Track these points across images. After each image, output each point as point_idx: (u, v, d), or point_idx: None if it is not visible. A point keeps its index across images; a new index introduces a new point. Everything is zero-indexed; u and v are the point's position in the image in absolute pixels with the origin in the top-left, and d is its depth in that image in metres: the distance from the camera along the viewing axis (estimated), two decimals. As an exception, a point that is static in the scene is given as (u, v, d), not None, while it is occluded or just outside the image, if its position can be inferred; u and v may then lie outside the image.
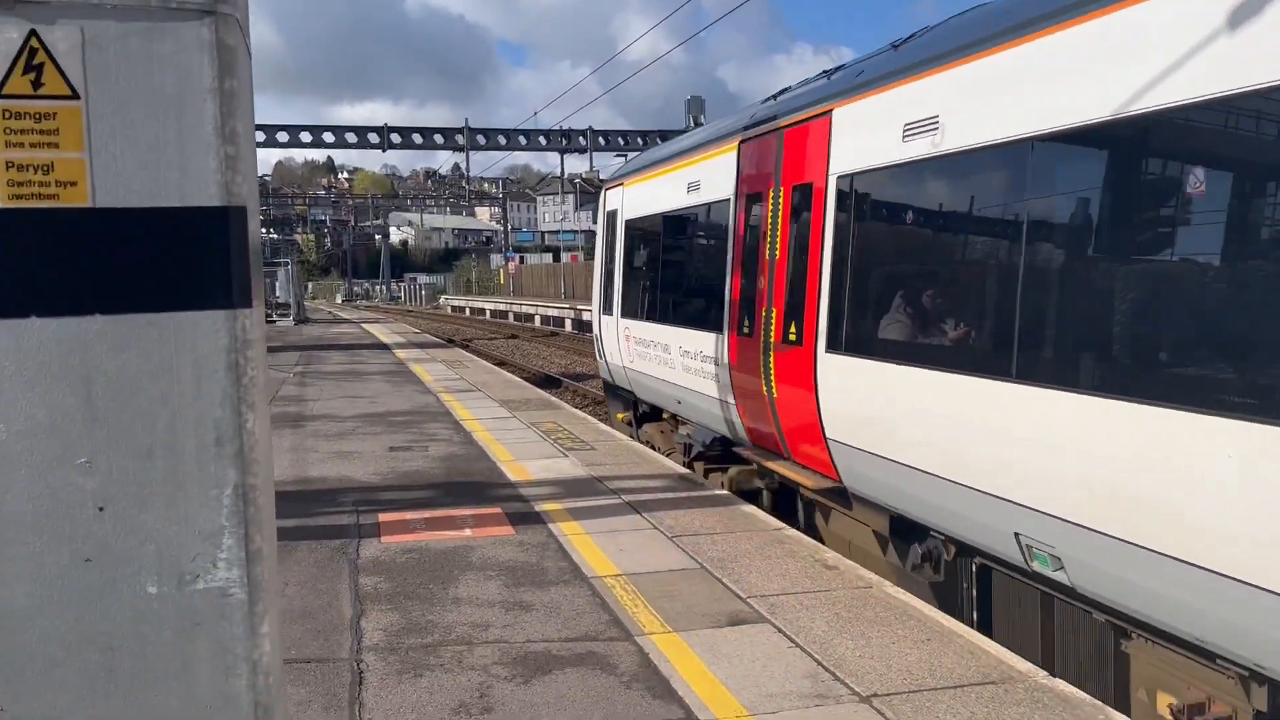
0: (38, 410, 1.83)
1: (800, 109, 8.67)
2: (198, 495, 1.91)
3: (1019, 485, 5.48)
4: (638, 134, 49.98)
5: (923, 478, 6.45)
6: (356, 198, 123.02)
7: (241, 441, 1.92)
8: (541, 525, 7.94)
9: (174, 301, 1.87)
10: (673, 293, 12.37)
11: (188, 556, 1.91)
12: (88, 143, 1.83)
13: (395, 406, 15.38)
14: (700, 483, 9.64)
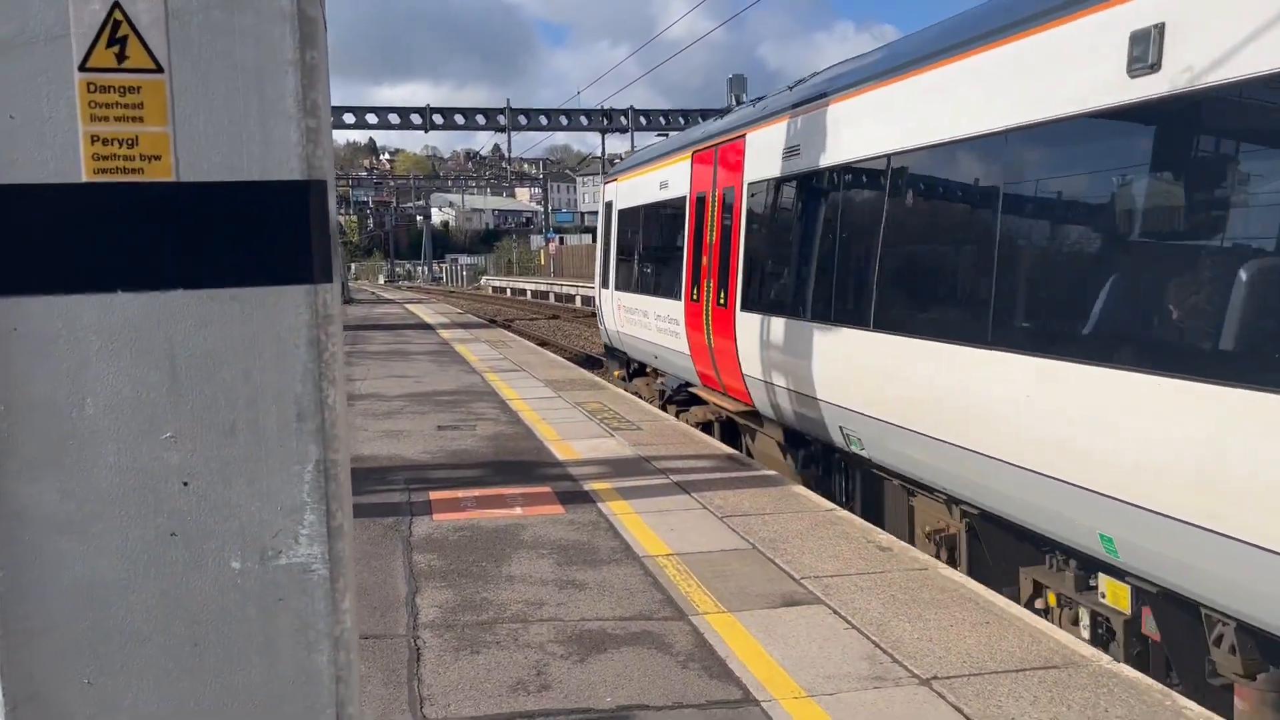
0: (123, 385, 1.83)
1: (728, 131, 11.66)
2: (280, 471, 1.90)
3: (841, 396, 8.25)
4: (679, 113, 49.79)
5: (795, 396, 9.24)
6: (398, 179, 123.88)
7: (323, 417, 1.92)
8: (591, 504, 7.94)
9: (256, 276, 1.87)
10: (649, 269, 15.41)
11: (270, 532, 1.91)
12: (171, 116, 1.82)
13: (441, 386, 15.48)
14: (748, 463, 9.60)
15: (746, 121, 11.12)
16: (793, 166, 9.49)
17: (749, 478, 8.84)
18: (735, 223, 11.01)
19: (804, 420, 9.33)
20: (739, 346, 10.61)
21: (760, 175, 10.34)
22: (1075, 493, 5.40)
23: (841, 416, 8.30)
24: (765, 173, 10.20)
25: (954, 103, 6.80)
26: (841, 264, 8.52)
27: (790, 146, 9.58)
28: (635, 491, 8.34)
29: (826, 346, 8.48)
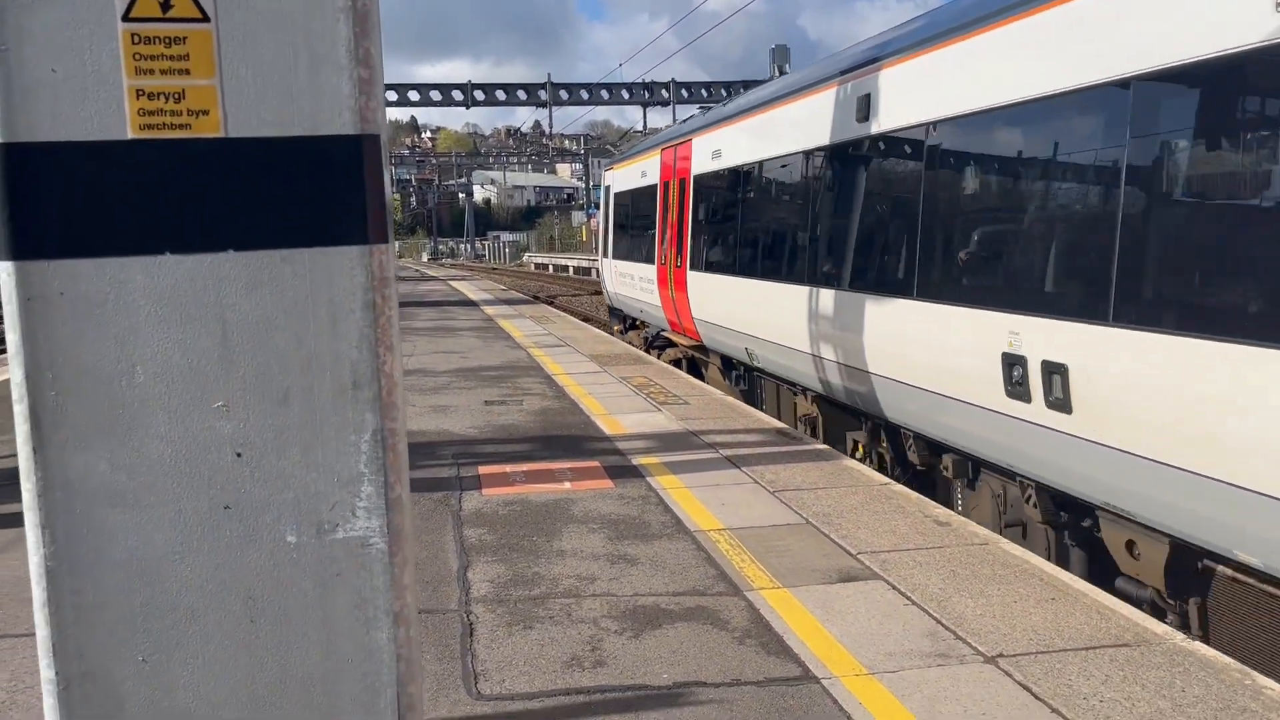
0: (173, 352, 1.76)
1: (681, 135, 15.91)
2: (335, 441, 1.82)
3: (747, 326, 11.91)
4: (721, 85, 49.29)
5: (723, 331, 13.13)
6: (440, 156, 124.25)
7: (379, 385, 1.83)
8: (640, 479, 7.86)
9: (309, 237, 1.78)
10: (634, 240, 19.36)
11: (326, 505, 1.83)
12: (219, 68, 1.74)
13: (487, 361, 15.48)
14: (798, 437, 9.45)
15: (693, 129, 15.31)
16: (718, 164, 13.44)
17: (800, 452, 8.71)
18: (685, 205, 14.96)
19: (728, 348, 13.52)
20: (690, 298, 14.61)
21: (700, 170, 14.37)
22: (860, 375, 8.75)
23: (746, 341, 12.28)
24: (703, 168, 14.23)
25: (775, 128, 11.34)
26: (742, 234, 12.66)
27: (715, 150, 13.56)
28: (684, 466, 8.25)
29: (734, 293, 12.46)
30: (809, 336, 9.79)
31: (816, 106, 9.77)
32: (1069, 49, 5.87)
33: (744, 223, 12.53)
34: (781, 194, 11.44)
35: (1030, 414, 6.24)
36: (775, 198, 11.69)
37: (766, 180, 11.81)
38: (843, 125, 9.14)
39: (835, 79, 9.27)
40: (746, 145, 12.29)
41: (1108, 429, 5.56)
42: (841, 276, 9.13)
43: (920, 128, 7.67)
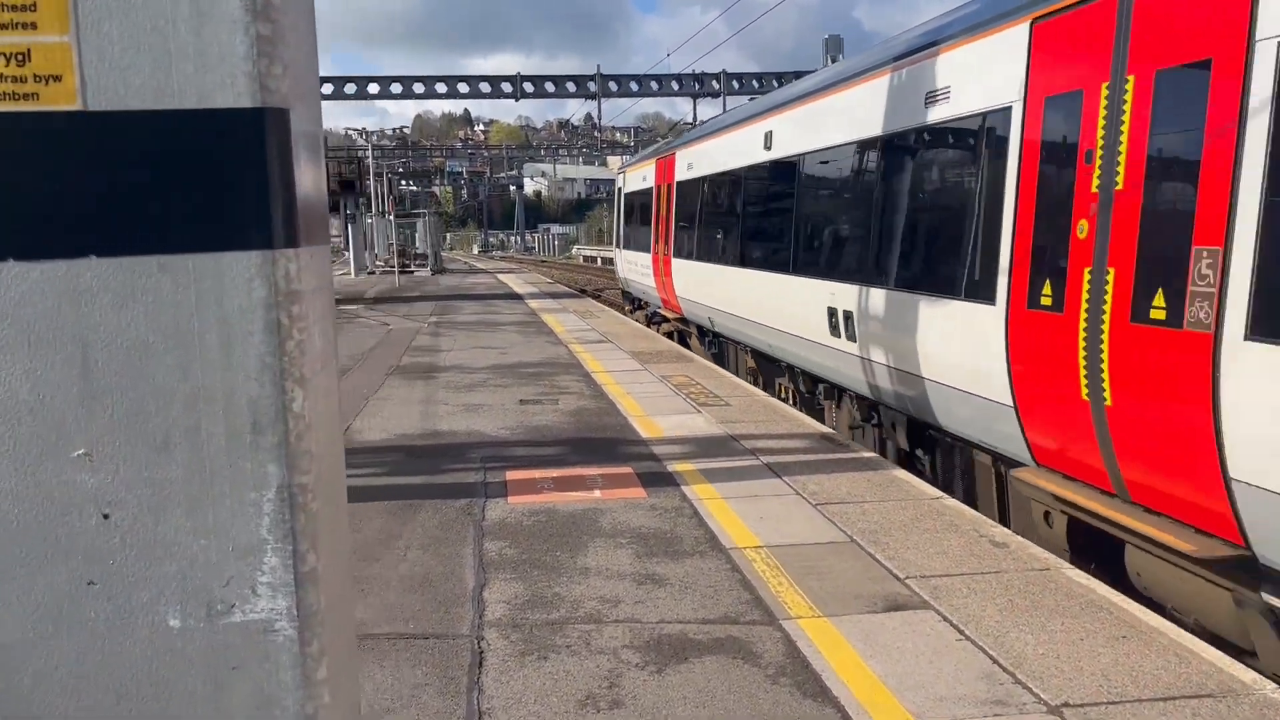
0: (20, 385, 1.37)
1: (669, 148, 20.01)
2: (230, 499, 1.43)
3: (708, 299, 15.59)
4: (771, 75, 48.59)
5: (693, 305, 16.94)
6: (492, 149, 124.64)
7: (286, 427, 1.43)
8: (674, 488, 7.44)
9: (194, 239, 1.39)
10: (638, 233, 22.74)
11: (219, 580, 1.44)
12: (74, 23, 1.35)
13: (526, 358, 15.15)
14: (844, 443, 8.96)
15: (676, 145, 19.86)
16: (691, 175, 17.48)
17: (846, 460, 8.22)
18: (670, 205, 18.95)
19: (698, 318, 17.41)
20: (673, 279, 18.47)
21: (679, 178, 18.36)
22: (770, 330, 12.36)
23: (709, 312, 16.04)
24: (681, 177, 18.22)
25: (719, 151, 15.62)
26: (703, 228, 16.44)
27: (688, 164, 17.76)
28: (722, 474, 7.81)
29: (699, 274, 16.43)
30: (741, 305, 13.81)
31: (746, 137, 13.84)
32: (855, 114, 9.72)
33: (704, 220, 16.58)
34: (724, 199, 15.52)
35: (840, 345, 9.88)
36: (720, 202, 15.76)
37: (715, 188, 15.99)
38: (756, 152, 13.30)
39: (754, 118, 13.67)
40: (703, 161, 16.65)
41: (871, 352, 9.08)
42: (757, 260, 13.19)
43: (797, 156, 11.64)
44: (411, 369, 14.14)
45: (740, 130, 14.18)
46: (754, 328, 13.21)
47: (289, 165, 1.43)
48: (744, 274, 13.49)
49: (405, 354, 15.92)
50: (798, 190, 11.67)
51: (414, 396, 11.66)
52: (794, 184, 11.74)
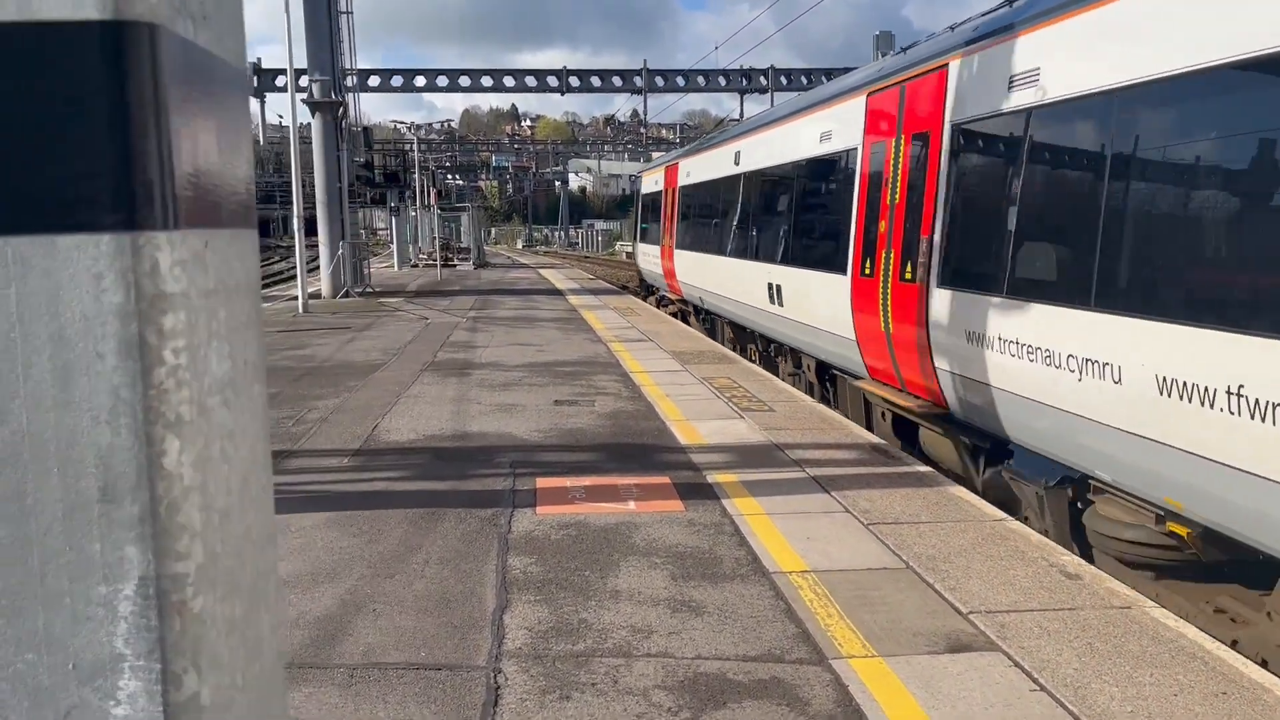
0: None
1: (674, 159, 24.41)
2: (72, 595, 0.99)
3: (700, 282, 19.42)
4: (820, 71, 47.81)
5: (688, 287, 20.95)
6: (538, 144, 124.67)
7: (153, 493, 0.98)
8: (714, 501, 6.96)
9: (13, 216, 0.94)
10: (652, 229, 26.70)
11: (57, 709, 1.00)
12: None
13: (564, 356, 14.74)
14: (898, 456, 8.41)
15: (678, 156, 24.24)
16: (687, 181, 21.20)
17: (899, 475, 7.68)
18: (674, 205, 22.80)
19: (693, 298, 20.91)
20: (675, 266, 22.16)
21: (680, 184, 21.98)
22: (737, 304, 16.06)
23: (699, 292, 19.72)
24: (681, 182, 21.81)
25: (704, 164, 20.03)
26: (693, 225, 20.39)
27: (687, 172, 21.31)
28: (766, 487, 7.31)
29: (691, 262, 20.12)
30: (720, 286, 17.55)
31: (724, 153, 17.85)
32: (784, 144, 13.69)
33: (696, 218, 20.56)
34: (710, 202, 19.15)
35: (776, 310, 13.37)
36: (707, 204, 19.39)
37: (705, 193, 19.59)
38: (728, 166, 17.26)
39: (730, 139, 17.83)
40: (697, 170, 20.30)
41: (789, 312, 12.65)
42: (730, 250, 16.72)
43: (752, 171, 15.47)
44: (447, 365, 13.79)
45: (720, 148, 18.52)
46: (729, 303, 17.12)
47: (164, 107, 0.97)
48: (722, 261, 17.32)
49: (441, 349, 15.58)
50: (751, 197, 15.84)
51: (446, 394, 11.28)
52: (750, 192, 15.92)
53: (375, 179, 40.97)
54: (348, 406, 10.60)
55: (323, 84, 25.67)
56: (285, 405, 10.72)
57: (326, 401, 10.90)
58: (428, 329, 18.79)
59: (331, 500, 6.94)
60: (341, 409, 10.47)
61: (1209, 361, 5.05)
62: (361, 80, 44.26)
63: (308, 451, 8.50)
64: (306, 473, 7.77)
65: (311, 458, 8.29)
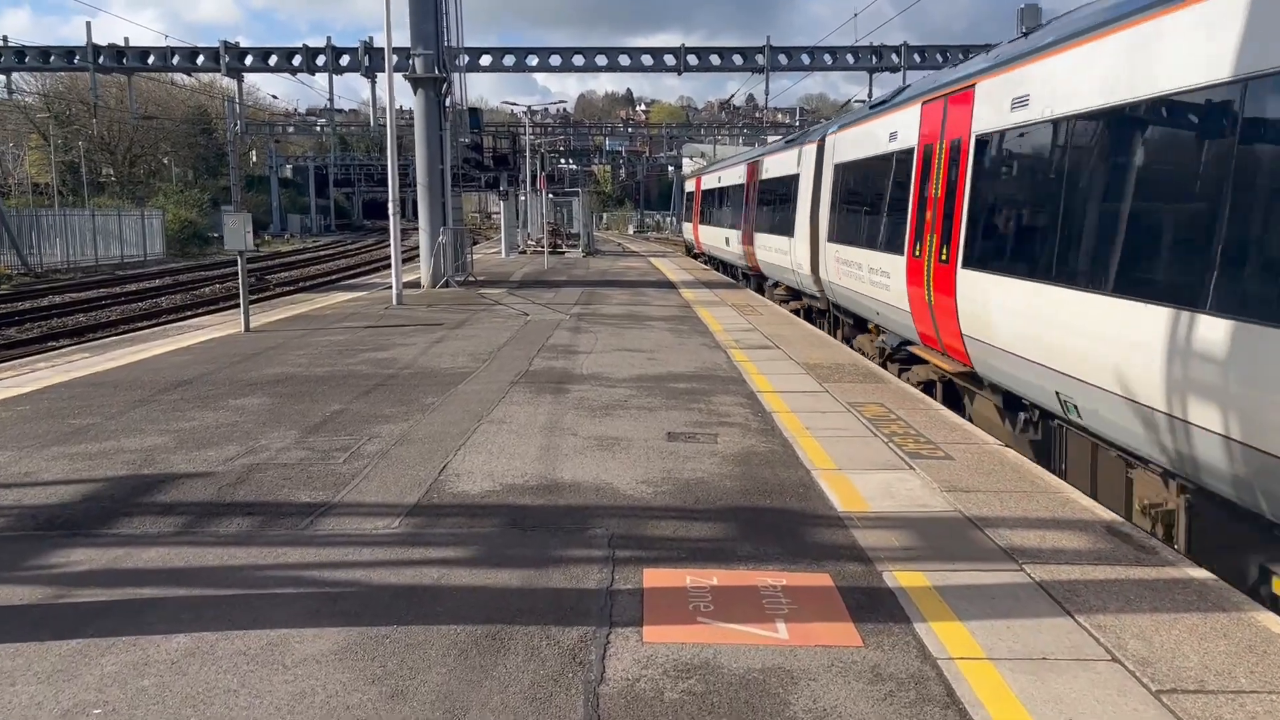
0: None
1: (702, 171, 46.19)
2: None
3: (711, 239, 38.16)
4: (957, 48, 44.30)
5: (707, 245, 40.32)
6: (651, 128, 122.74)
7: None
8: (903, 626, 4.73)
9: None
10: (689, 212, 47.70)
11: None
12: None
13: (678, 366, 12.61)
14: (1150, 546, 5.99)
15: (701, 170, 45.74)
16: (706, 186, 39.72)
17: (1166, 583, 5.29)
18: (698, 198, 41.85)
19: (707, 250, 39.87)
20: (700, 234, 41.11)
21: (704, 186, 40.11)
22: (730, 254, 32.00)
23: (710, 248, 38.57)
24: (705, 186, 39.56)
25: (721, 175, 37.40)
26: (713, 209, 37.05)
27: (717, 178, 36.66)
28: (973, 600, 5.04)
29: (713, 234, 36.61)
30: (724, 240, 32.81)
31: (733, 173, 31.98)
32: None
33: (712, 205, 35.98)
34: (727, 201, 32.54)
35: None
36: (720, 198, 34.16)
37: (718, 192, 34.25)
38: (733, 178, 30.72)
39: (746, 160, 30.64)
40: (710, 179, 38.17)
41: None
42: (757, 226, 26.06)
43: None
44: (541, 376, 11.83)
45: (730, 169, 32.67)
46: (723, 252, 32.96)
47: None
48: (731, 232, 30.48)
49: (538, 355, 13.64)
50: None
51: (536, 420, 9.28)
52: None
53: (484, 162, 39.54)
54: (416, 435, 8.70)
55: (425, 59, 24.07)
56: (344, 429, 8.88)
57: (393, 426, 9.02)
58: (526, 328, 16.91)
59: (359, 602, 4.97)
60: (408, 438, 8.57)
61: None
62: (473, 59, 42.86)
63: (350, 506, 6.59)
64: (339, 544, 5.84)
65: (353, 517, 6.37)
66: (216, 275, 37.21)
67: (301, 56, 41.04)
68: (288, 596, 5.05)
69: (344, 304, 21.61)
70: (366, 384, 11.26)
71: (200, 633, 4.59)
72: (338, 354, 13.73)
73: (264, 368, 12.52)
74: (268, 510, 6.52)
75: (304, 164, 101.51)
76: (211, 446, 8.28)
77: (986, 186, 9.81)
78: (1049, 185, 8.29)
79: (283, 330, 16.66)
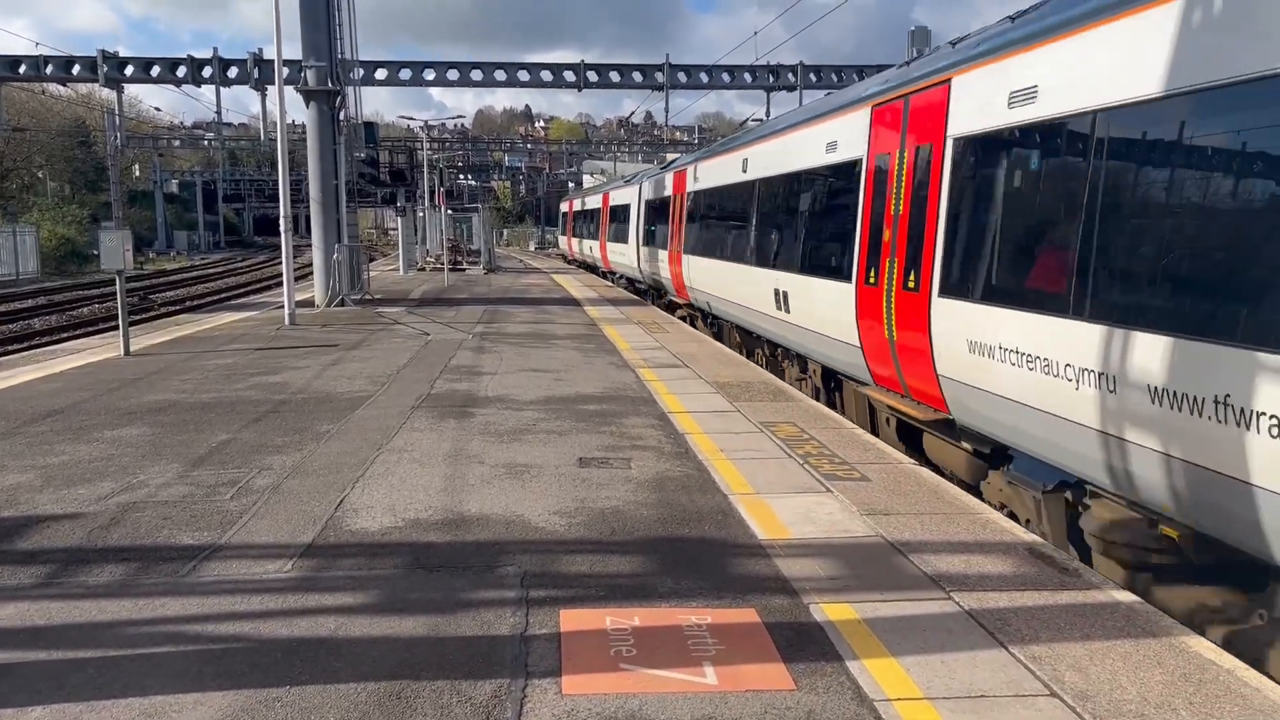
0: None
1: (605, 188, 43.15)
2: None
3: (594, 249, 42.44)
4: (851, 69, 45.24)
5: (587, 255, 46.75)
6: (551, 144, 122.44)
7: None
8: (836, 664, 4.50)
9: None
10: (591, 228, 44.83)
11: None
12: None
13: (586, 387, 12.29)
14: (1072, 568, 5.90)
15: (604, 187, 43.83)
16: (578, 208, 48.55)
17: (1093, 608, 5.20)
18: (606, 215, 39.16)
19: (614, 266, 36.99)
20: (572, 245, 53.55)
21: (578, 208, 47.44)
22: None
23: (609, 260, 38.16)
24: (579, 208, 47.53)
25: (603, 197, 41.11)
26: (608, 225, 38.77)
27: (579, 201, 49.91)
28: (905, 632, 4.85)
29: (592, 244, 43.56)
30: (619, 252, 34.56)
31: (593, 199, 44.56)
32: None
33: (585, 223, 45.94)
34: (591, 219, 43.05)
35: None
36: (589, 220, 43.90)
37: (617, 211, 34.96)
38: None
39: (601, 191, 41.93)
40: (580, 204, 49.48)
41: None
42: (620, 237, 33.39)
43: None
44: (445, 399, 11.36)
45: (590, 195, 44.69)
46: (587, 257, 44.51)
47: None
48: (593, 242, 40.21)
49: (440, 377, 13.15)
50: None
51: (440, 448, 8.84)
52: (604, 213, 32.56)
53: (380, 177, 38.62)
54: (311, 466, 8.17)
55: (318, 71, 23.30)
56: (231, 462, 8.29)
57: (286, 457, 8.47)
58: (427, 348, 16.37)
59: (246, 660, 4.49)
60: (302, 469, 8.04)
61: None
62: (368, 72, 41.89)
63: (238, 549, 6.07)
64: (224, 593, 5.33)
65: (241, 560, 5.86)
66: (96, 295, 35.36)
67: (186, 67, 39.50)
68: (165, 656, 4.54)
69: (233, 324, 20.66)
70: (257, 411, 10.63)
71: (62, 704, 4.06)
72: (225, 379, 12.99)
73: (144, 394, 11.74)
74: (145, 555, 5.95)
75: (191, 179, 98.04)
76: (82, 484, 7.61)
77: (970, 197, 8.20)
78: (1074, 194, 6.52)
79: (166, 353, 15.76)
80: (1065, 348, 6.48)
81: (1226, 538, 5.32)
